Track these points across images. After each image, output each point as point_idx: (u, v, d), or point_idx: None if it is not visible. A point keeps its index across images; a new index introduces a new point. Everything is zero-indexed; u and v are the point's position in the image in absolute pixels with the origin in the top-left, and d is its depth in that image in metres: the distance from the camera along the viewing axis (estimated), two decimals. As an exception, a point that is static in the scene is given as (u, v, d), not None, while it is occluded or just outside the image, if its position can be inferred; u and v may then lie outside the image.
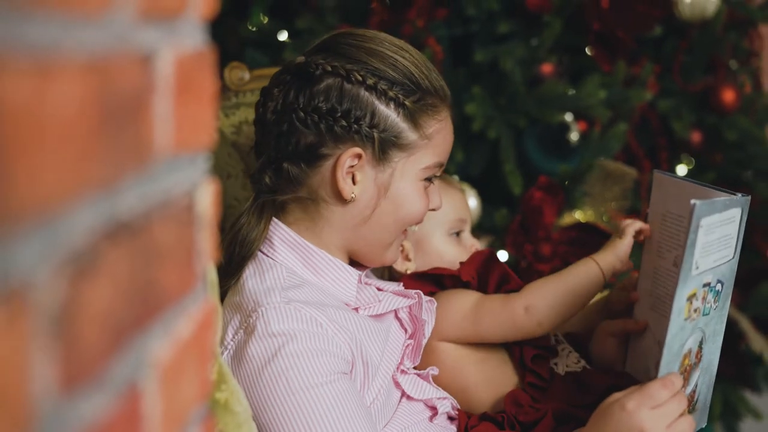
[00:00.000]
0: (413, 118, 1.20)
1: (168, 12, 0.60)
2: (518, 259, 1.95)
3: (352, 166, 1.19)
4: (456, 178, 2.02)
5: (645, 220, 1.29)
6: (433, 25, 2.02)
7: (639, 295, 1.28)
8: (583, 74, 2.04)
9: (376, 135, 1.18)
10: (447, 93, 1.26)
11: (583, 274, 1.30)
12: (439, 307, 1.34)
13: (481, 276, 1.36)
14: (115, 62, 0.53)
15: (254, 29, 2.05)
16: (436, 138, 1.23)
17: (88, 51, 0.49)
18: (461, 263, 1.38)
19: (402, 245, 1.43)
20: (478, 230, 1.94)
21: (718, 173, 2.18)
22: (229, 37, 2.09)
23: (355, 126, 1.18)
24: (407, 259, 1.43)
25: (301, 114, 1.19)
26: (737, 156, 2.23)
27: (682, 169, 2.21)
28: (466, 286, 1.35)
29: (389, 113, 1.19)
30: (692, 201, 1.05)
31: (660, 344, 1.14)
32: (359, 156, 1.19)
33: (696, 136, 2.19)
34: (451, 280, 1.36)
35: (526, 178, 2.01)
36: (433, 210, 1.30)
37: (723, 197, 1.11)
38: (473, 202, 1.95)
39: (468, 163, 2.04)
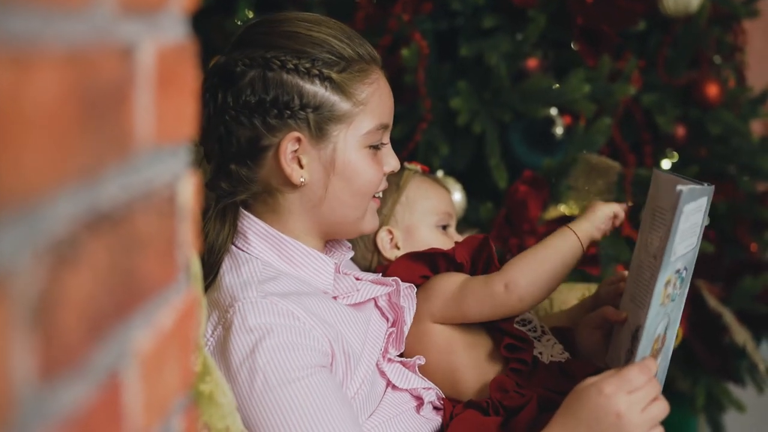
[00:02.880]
0: (342, 89, 1.20)
1: (149, 5, 0.61)
2: (504, 253, 1.96)
3: (295, 151, 1.20)
4: (441, 172, 2.03)
5: (627, 215, 1.29)
6: (418, 20, 2.03)
7: (625, 288, 1.29)
8: (567, 69, 2.04)
9: (309, 115, 1.18)
10: (373, 55, 1.25)
11: (561, 243, 1.30)
12: (430, 288, 1.34)
13: (474, 260, 1.37)
14: (96, 55, 0.53)
15: (240, 24, 2.05)
16: (371, 101, 1.23)
17: (68, 43, 0.50)
18: (456, 243, 1.39)
19: (392, 233, 1.45)
20: (463, 224, 1.95)
21: (702, 167, 2.19)
22: (215, 33, 2.10)
23: (287, 111, 1.18)
24: (396, 247, 1.45)
25: (233, 113, 1.19)
26: (721, 150, 2.24)
27: (666, 164, 2.22)
28: (459, 267, 1.36)
29: (316, 90, 1.19)
30: (678, 187, 1.06)
31: (633, 334, 1.16)
32: (298, 139, 1.19)
33: (680, 130, 2.20)
34: (444, 261, 1.37)
35: (511, 172, 2.02)
36: (392, 172, 1.29)
37: (698, 186, 1.13)
38: (458, 196, 1.95)
39: (453, 157, 2.05)
